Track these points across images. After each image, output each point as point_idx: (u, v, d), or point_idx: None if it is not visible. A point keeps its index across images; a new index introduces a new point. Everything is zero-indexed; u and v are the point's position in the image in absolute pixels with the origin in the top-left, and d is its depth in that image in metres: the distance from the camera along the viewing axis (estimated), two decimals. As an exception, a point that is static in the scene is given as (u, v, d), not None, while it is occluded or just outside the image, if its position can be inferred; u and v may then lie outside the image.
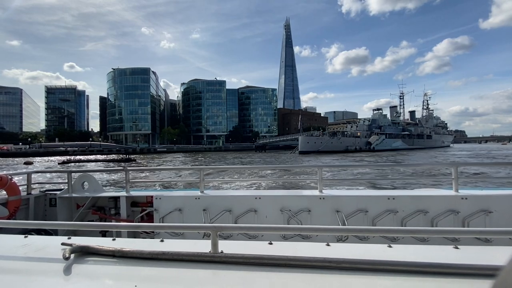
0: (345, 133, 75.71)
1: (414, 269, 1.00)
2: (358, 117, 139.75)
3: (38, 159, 53.32)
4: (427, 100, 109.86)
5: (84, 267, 1.11)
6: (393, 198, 3.41)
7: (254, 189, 12.40)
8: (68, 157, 48.68)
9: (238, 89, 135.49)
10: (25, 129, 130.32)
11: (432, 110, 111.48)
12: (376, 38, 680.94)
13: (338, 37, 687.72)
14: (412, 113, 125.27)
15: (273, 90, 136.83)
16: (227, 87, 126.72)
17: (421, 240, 2.88)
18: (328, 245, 1.25)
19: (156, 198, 3.94)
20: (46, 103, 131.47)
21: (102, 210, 4.43)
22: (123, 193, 4.23)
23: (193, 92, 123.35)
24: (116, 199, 4.31)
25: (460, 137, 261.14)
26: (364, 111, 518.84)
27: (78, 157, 51.13)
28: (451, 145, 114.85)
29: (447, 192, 3.55)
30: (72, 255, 1.14)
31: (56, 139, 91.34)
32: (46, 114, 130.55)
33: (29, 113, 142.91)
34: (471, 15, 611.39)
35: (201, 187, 4.00)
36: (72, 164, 40.75)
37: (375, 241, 2.90)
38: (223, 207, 3.73)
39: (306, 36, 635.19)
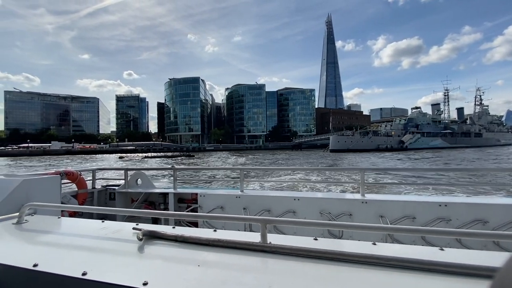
0: (378, 132, 77.36)
1: (471, 272, 0.91)
2: (409, 114, 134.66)
3: (125, 154, 69.30)
4: (480, 96, 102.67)
5: (153, 247, 1.26)
6: (445, 205, 3.18)
7: (293, 190, 12.52)
8: (148, 153, 63.51)
9: (277, 91, 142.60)
10: (100, 131, 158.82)
11: (487, 106, 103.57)
12: (430, 25, 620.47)
13: (386, 28, 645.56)
14: (460, 110, 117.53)
15: (311, 90, 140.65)
16: (268, 87, 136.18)
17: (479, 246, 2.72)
18: (374, 244, 1.20)
19: (200, 196, 4.22)
20: (116, 109, 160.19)
21: (153, 205, 4.82)
22: (171, 190, 4.57)
23: (236, 96, 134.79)
24: (165, 195, 4.69)
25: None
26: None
27: (154, 154, 65.61)
28: None
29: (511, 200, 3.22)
30: (144, 238, 1.31)
31: (126, 139, 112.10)
32: (116, 119, 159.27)
33: (102, 116, 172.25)
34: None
35: (241, 186, 4.16)
36: (150, 158, 54.03)
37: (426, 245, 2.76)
38: (262, 206, 3.82)
39: (350, 29, 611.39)
